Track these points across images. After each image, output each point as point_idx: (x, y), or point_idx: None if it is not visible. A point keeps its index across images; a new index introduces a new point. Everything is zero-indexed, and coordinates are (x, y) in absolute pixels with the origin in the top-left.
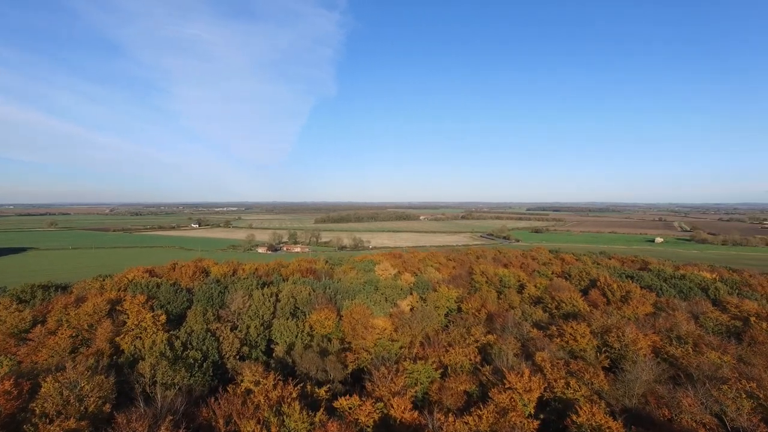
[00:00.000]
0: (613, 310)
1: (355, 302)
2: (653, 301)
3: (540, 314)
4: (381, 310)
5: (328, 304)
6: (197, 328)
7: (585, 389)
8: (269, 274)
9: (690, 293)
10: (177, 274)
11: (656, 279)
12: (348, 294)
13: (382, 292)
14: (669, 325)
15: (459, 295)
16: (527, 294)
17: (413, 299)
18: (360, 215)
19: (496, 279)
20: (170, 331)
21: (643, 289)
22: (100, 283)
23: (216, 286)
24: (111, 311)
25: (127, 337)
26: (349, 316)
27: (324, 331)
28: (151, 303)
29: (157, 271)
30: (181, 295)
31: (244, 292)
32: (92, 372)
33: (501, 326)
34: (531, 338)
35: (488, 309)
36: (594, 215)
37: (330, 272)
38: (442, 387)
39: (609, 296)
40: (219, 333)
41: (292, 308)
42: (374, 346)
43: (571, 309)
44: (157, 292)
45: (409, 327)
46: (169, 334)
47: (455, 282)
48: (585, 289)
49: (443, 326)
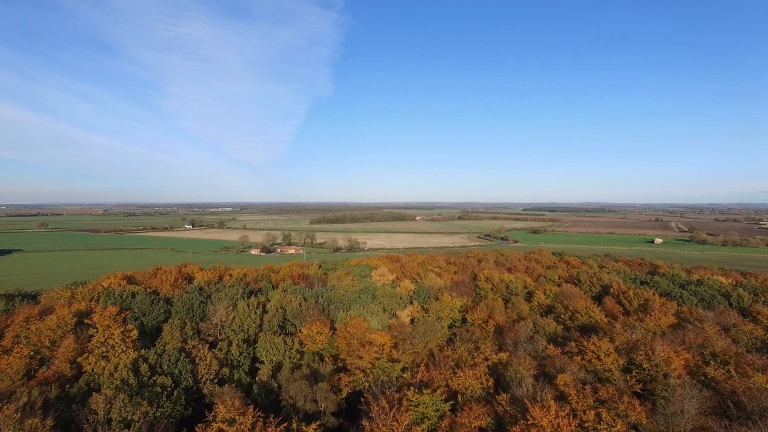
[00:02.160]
0: (633, 321)
1: (350, 313)
2: (674, 311)
3: (553, 326)
4: (379, 323)
5: (321, 315)
6: (170, 347)
7: (621, 424)
8: (258, 281)
9: (713, 301)
10: (158, 281)
11: (673, 285)
12: (342, 304)
13: (380, 301)
14: (700, 340)
15: (463, 304)
16: (536, 302)
17: (414, 309)
18: (356, 216)
19: (502, 286)
20: (143, 349)
21: (661, 297)
22: (71, 292)
23: (198, 295)
24: (78, 325)
25: (92, 357)
26: (344, 329)
27: (315, 348)
28: (125, 315)
29: (137, 278)
30: (158, 306)
31: (228, 302)
32: (24, 413)
33: (513, 341)
34: (548, 356)
35: (496, 320)
36: (590, 215)
37: (324, 278)
38: (454, 424)
39: (625, 305)
40: (195, 353)
41: (281, 320)
42: (372, 368)
43: (587, 320)
44: (132, 303)
45: (411, 342)
46: (137, 355)
47: (458, 289)
48: (597, 297)
49: (447, 339)
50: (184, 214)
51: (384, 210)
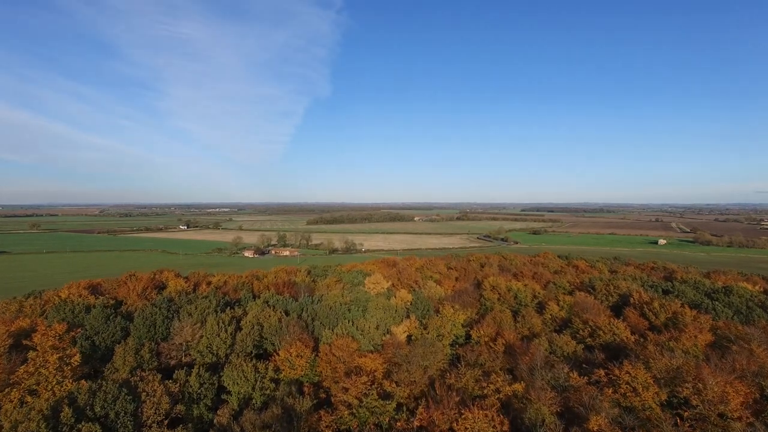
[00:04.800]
0: (666, 340)
1: (336, 331)
2: (710, 326)
3: (572, 346)
4: (370, 342)
5: (303, 333)
6: (117, 377)
7: None
8: (238, 290)
9: (751, 314)
10: (125, 291)
11: (699, 294)
12: (329, 319)
13: (372, 314)
14: (755, 367)
15: (467, 317)
16: (549, 315)
17: (411, 325)
18: (353, 216)
19: (510, 295)
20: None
21: (691, 309)
22: (18, 305)
23: (163, 308)
24: (15, 347)
25: (15, 391)
26: (329, 351)
27: (294, 374)
28: (74, 334)
29: (104, 286)
30: (114, 323)
31: (198, 318)
32: None
33: (527, 366)
34: (571, 387)
35: (506, 338)
36: (589, 216)
37: (312, 286)
38: None
39: (651, 318)
40: (142, 386)
41: (257, 339)
42: (359, 405)
43: (611, 338)
44: (85, 319)
45: (407, 369)
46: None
47: (461, 299)
48: (615, 307)
49: (450, 360)
50: (181, 215)
51: (382, 210)
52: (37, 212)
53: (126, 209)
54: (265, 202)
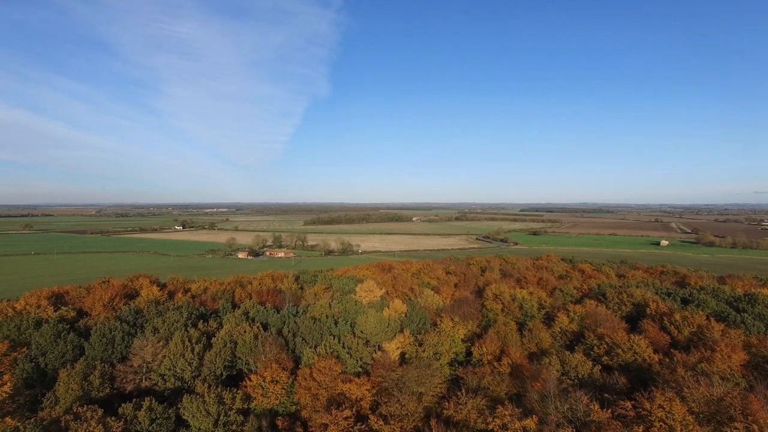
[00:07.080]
0: (696, 362)
1: (320, 351)
2: (741, 341)
3: (588, 366)
4: (357, 363)
5: (282, 352)
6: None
7: None
8: (217, 299)
9: None
10: (91, 301)
11: (722, 303)
12: (312, 335)
13: (362, 329)
14: None
15: (468, 331)
16: (559, 328)
17: (405, 341)
18: (351, 216)
19: (514, 305)
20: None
21: (718, 323)
22: None
23: (127, 323)
24: None
25: None
26: (309, 375)
27: (267, 403)
28: (18, 354)
29: (70, 295)
30: (66, 341)
31: (164, 333)
32: None
33: (539, 394)
34: (593, 423)
35: (512, 357)
36: (589, 216)
37: (298, 294)
38: None
39: (673, 333)
40: (74, 428)
41: (228, 360)
42: None
43: (631, 358)
44: (32, 336)
45: (398, 397)
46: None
47: (461, 309)
48: (630, 318)
49: (448, 384)
50: (178, 215)
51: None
52: (32, 212)
53: (123, 209)
54: (264, 202)
